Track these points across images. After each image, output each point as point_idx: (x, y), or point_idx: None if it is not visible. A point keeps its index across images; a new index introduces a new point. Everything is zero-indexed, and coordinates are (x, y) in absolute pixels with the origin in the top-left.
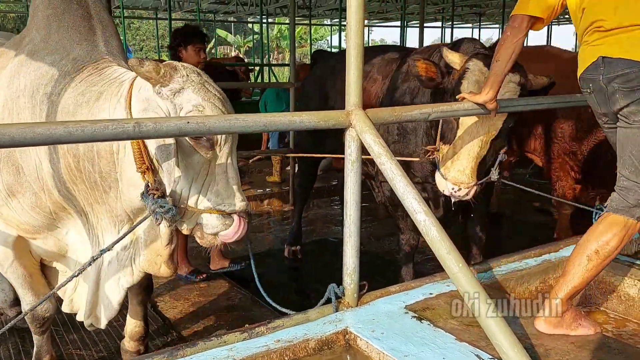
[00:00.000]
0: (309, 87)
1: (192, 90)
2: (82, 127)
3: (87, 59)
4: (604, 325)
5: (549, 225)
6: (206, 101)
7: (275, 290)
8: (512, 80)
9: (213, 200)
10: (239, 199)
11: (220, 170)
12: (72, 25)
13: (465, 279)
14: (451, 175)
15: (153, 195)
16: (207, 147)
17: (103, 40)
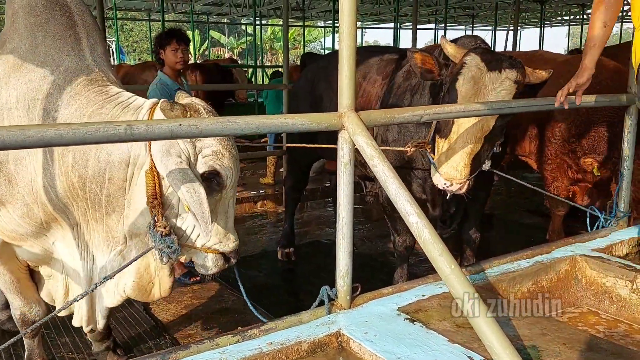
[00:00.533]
0: (299, 89)
1: (214, 137)
2: (73, 130)
3: (77, 71)
4: (596, 326)
5: (541, 226)
6: (225, 149)
7: (268, 292)
8: (508, 77)
9: (212, 240)
10: (232, 240)
11: (223, 210)
12: (57, 35)
13: (457, 280)
14: (444, 171)
15: (161, 233)
16: (217, 190)
17: (89, 49)
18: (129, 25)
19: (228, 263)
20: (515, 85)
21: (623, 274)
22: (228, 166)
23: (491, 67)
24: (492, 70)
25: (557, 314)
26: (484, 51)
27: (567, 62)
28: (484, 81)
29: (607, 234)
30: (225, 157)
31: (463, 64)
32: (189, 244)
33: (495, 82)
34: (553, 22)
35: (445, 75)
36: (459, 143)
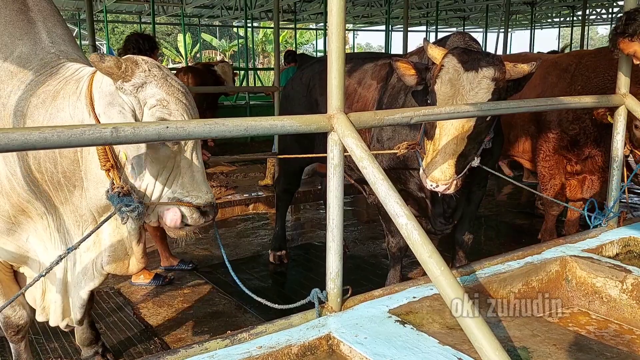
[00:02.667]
0: (294, 92)
1: (156, 84)
2: (58, 133)
3: (32, 55)
4: (587, 326)
5: (533, 227)
6: (170, 95)
7: (259, 295)
8: (486, 76)
9: (179, 192)
10: (204, 192)
11: (186, 163)
12: (9, 21)
13: (446, 282)
14: (429, 173)
15: (118, 193)
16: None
17: (45, 31)
18: (120, 27)
19: (205, 217)
20: (494, 83)
21: (613, 274)
22: (178, 113)
23: (467, 67)
24: (468, 70)
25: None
26: (462, 52)
27: (552, 60)
28: (461, 82)
29: (597, 234)
30: (171, 103)
31: (442, 66)
32: (155, 200)
33: (472, 81)
34: (544, 24)
35: (428, 78)
36: (442, 145)
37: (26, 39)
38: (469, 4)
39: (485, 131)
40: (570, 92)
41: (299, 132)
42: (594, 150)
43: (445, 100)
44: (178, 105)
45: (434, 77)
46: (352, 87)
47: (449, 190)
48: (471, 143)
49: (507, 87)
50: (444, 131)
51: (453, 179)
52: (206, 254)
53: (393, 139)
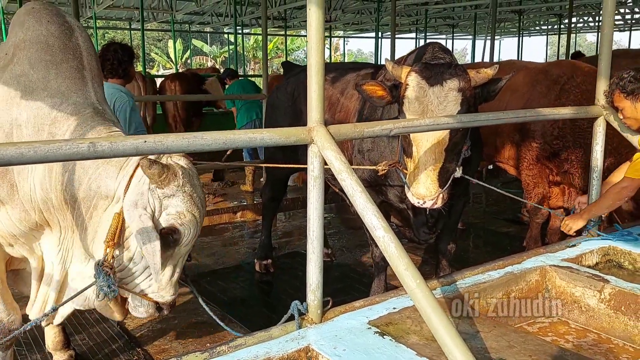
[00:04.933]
0: (279, 102)
1: (182, 199)
2: (34, 148)
3: (85, 105)
4: (566, 335)
5: (519, 234)
6: (188, 212)
7: (245, 304)
8: (452, 88)
9: (152, 288)
10: (170, 293)
11: (172, 263)
12: (69, 76)
13: (422, 295)
14: (414, 191)
15: (106, 272)
16: (171, 245)
17: (93, 91)
18: (110, 33)
19: (159, 313)
20: (461, 94)
21: (591, 284)
22: (187, 227)
23: (432, 82)
24: (433, 85)
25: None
26: (424, 67)
27: (539, 68)
28: (428, 98)
29: (577, 244)
30: (186, 218)
31: (407, 85)
32: (130, 287)
33: (439, 96)
34: (531, 31)
35: (396, 96)
36: (422, 161)
37: (80, 93)
38: (457, 12)
39: (461, 141)
40: (558, 105)
41: (278, 144)
42: (573, 168)
43: (417, 115)
44: (191, 220)
45: (401, 97)
46: (335, 97)
47: (436, 204)
48: (450, 155)
49: (475, 94)
50: (421, 148)
51: (438, 193)
52: (192, 262)
53: (372, 150)
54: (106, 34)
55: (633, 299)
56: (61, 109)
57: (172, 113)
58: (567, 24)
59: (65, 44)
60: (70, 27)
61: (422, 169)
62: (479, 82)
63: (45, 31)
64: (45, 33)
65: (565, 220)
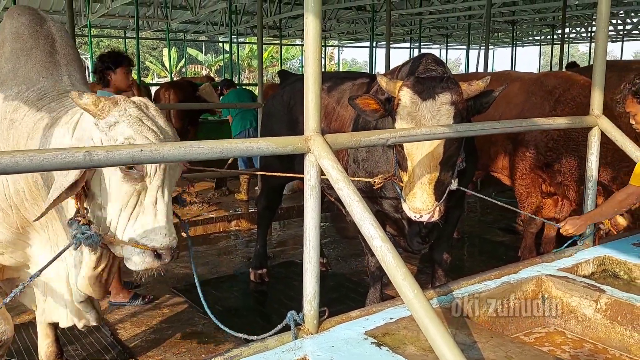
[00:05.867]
0: (275, 110)
1: (127, 124)
2: (29, 157)
3: (51, 90)
4: (562, 346)
5: (514, 244)
6: (138, 134)
7: (239, 314)
8: (444, 102)
9: (138, 232)
10: (162, 235)
11: (150, 202)
12: (39, 61)
13: (419, 305)
14: (410, 205)
15: (78, 221)
16: (137, 178)
17: (67, 74)
18: (105, 42)
19: (160, 260)
20: (454, 107)
21: (588, 294)
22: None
23: (424, 96)
24: (425, 100)
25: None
26: (416, 82)
27: (535, 79)
28: (421, 112)
29: (572, 253)
30: (137, 142)
31: (399, 100)
32: (117, 239)
33: (432, 110)
34: (525, 41)
35: (389, 109)
36: (417, 175)
37: (50, 78)
38: (451, 22)
39: (456, 153)
40: (553, 116)
41: (275, 153)
42: (567, 180)
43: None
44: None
45: (394, 111)
46: (331, 106)
47: (433, 218)
48: (444, 168)
49: (467, 107)
50: (415, 161)
51: (435, 207)
52: (186, 272)
53: (367, 160)
54: (101, 43)
55: (629, 309)
56: (25, 96)
57: None
58: (560, 34)
59: (36, 31)
60: (42, 17)
61: (417, 182)
62: (471, 95)
63: (16, 22)
64: (17, 24)
65: (565, 225)
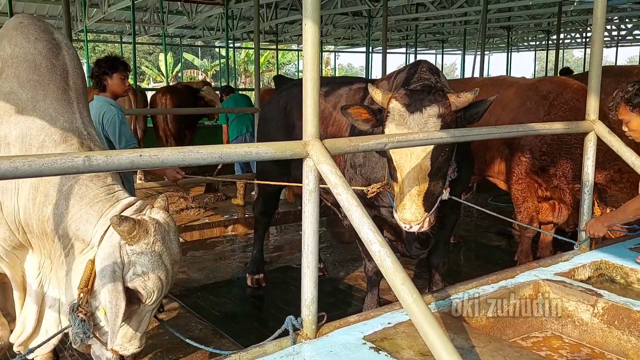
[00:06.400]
0: (271, 115)
1: (149, 259)
2: (29, 162)
3: (70, 131)
4: (559, 350)
5: (510, 248)
6: (154, 274)
7: (237, 320)
8: (431, 115)
9: (118, 340)
10: (135, 346)
11: (137, 319)
12: (55, 97)
13: (418, 309)
14: (400, 215)
15: (81, 318)
16: (136, 303)
17: (79, 112)
18: (101, 47)
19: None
20: (441, 119)
21: (585, 298)
22: (151, 289)
23: (412, 109)
24: (413, 112)
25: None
26: (404, 94)
27: (530, 85)
28: (409, 125)
29: (569, 258)
30: (150, 280)
31: (388, 112)
32: (97, 335)
33: (419, 122)
34: (520, 47)
35: (380, 119)
36: (406, 186)
37: (66, 116)
38: (447, 28)
39: (445, 165)
40: (546, 121)
41: (274, 158)
42: (563, 183)
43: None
44: (156, 283)
45: (383, 123)
46: (328, 111)
47: (423, 228)
48: (433, 179)
49: (457, 119)
50: (404, 173)
51: (424, 217)
52: (183, 277)
53: (364, 165)
54: (96, 47)
55: (626, 313)
56: (49, 134)
57: (161, 126)
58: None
59: (52, 64)
60: (58, 44)
61: (406, 194)
62: (460, 107)
63: (33, 49)
64: (33, 51)
65: (589, 230)
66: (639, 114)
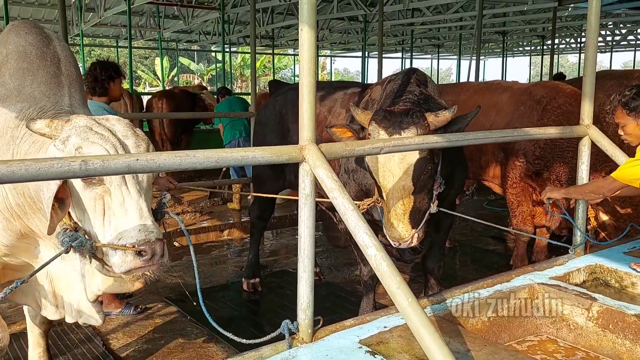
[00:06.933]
0: (267, 119)
1: (76, 134)
2: (25, 166)
3: (50, 109)
4: (554, 354)
5: (505, 252)
6: (85, 140)
7: (233, 324)
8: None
9: (113, 235)
10: (136, 231)
11: (117, 203)
12: (43, 81)
13: (414, 313)
14: (388, 233)
15: (65, 229)
16: (95, 183)
17: (68, 95)
18: (97, 51)
19: (142, 258)
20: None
21: (579, 302)
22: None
23: (390, 132)
24: (392, 135)
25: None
26: (383, 117)
27: (524, 90)
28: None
29: (564, 262)
30: (85, 149)
31: (368, 134)
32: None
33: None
34: (515, 52)
35: (364, 137)
36: (391, 206)
37: (52, 98)
38: (442, 33)
39: (428, 183)
40: (540, 125)
41: (270, 162)
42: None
43: (377, 167)
44: (98, 149)
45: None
46: (323, 115)
47: (411, 244)
48: (417, 197)
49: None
50: (389, 193)
51: (412, 234)
52: (178, 281)
53: (357, 171)
54: (92, 52)
55: (620, 317)
56: (27, 114)
57: (158, 130)
58: (549, 45)
59: (42, 52)
60: (48, 36)
61: (392, 213)
62: (439, 125)
63: (23, 41)
64: (24, 43)
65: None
66: (635, 118)
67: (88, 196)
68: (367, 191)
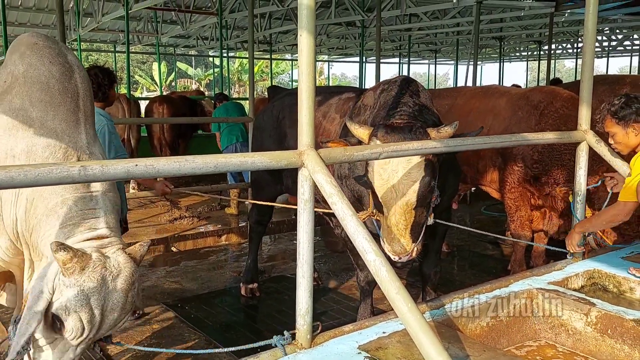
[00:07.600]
0: (265, 124)
1: (74, 296)
2: (24, 172)
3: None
4: (553, 359)
5: (503, 257)
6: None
7: (231, 330)
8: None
9: None
10: None
11: (60, 351)
12: (64, 118)
13: (413, 318)
14: (389, 248)
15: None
16: (56, 331)
17: (85, 132)
18: (94, 56)
19: None
20: (424, 158)
21: (578, 307)
22: (70, 326)
23: None
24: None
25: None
26: (385, 133)
27: (522, 94)
28: (392, 166)
29: (562, 267)
30: (70, 317)
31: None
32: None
33: (403, 161)
34: (512, 57)
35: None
36: (392, 221)
37: (71, 137)
38: (439, 38)
39: (429, 196)
40: (538, 130)
41: (269, 168)
42: (555, 191)
43: (382, 186)
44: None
45: (366, 163)
46: (318, 120)
47: (411, 257)
48: (419, 211)
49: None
50: (391, 208)
51: (412, 248)
52: (177, 287)
53: (349, 178)
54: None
55: (619, 322)
56: (53, 151)
57: (157, 135)
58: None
59: (64, 87)
60: (71, 67)
61: (394, 228)
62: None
63: (47, 72)
64: (47, 74)
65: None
66: (624, 126)
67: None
68: (360, 197)
